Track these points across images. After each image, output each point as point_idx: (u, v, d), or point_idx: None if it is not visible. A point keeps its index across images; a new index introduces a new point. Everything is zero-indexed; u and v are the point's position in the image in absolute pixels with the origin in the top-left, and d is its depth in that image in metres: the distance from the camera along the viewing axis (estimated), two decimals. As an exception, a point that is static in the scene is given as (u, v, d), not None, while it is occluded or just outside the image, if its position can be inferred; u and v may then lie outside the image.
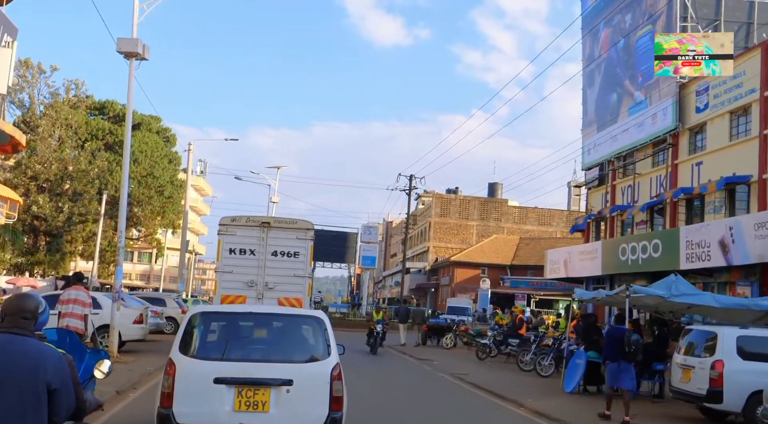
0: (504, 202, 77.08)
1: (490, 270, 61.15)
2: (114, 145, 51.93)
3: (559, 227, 75.89)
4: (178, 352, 6.57)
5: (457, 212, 75.85)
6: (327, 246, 43.76)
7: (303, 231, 14.90)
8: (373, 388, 14.28)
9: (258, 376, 6.41)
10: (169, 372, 6.41)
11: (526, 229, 74.62)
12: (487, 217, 75.82)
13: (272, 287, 14.69)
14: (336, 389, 6.52)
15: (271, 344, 7.15)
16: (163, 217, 56.29)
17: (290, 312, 8.52)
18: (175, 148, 60.81)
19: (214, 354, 6.80)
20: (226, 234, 14.79)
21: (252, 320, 7.44)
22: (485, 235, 73.21)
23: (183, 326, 6.91)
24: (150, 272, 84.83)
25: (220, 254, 14.84)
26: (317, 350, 6.90)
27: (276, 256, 14.65)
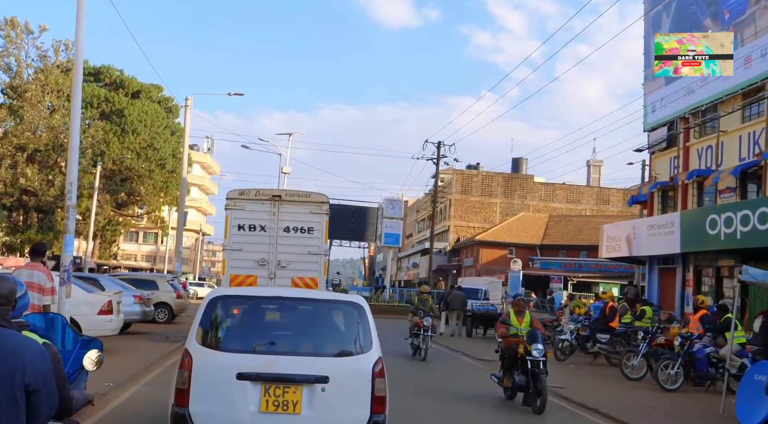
0: (529, 178, 72.40)
1: (518, 250, 56.69)
2: (111, 114, 47.70)
3: (589, 204, 71.34)
4: (194, 342, 5.65)
5: (480, 189, 71.32)
6: (344, 222, 39.42)
7: (317, 205, 14.07)
8: (444, 410, 10.09)
9: (288, 371, 5.48)
10: (185, 365, 5.48)
11: (554, 206, 70.01)
12: (511, 194, 71.19)
13: (285, 265, 13.81)
14: (379, 387, 5.61)
15: (303, 334, 6.26)
16: (166, 193, 52.02)
17: (325, 297, 7.12)
18: (178, 120, 56.50)
19: (236, 345, 5.88)
20: (234, 209, 13.91)
21: (280, 306, 6.42)
22: (509, 213, 68.77)
23: (200, 312, 5.89)
24: (156, 253, 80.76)
25: (228, 231, 13.93)
26: (357, 342, 5.96)
27: (288, 232, 13.86)
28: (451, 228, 70.48)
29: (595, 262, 54.41)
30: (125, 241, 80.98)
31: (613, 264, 54.41)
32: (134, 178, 49.42)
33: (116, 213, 54.21)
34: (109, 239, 56.01)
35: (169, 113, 54.87)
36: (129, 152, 46.18)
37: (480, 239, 59.16)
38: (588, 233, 58.78)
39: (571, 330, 15.15)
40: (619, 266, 53.88)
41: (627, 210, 69.36)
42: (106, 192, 47.24)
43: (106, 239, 55.46)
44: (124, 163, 46.57)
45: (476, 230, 68.30)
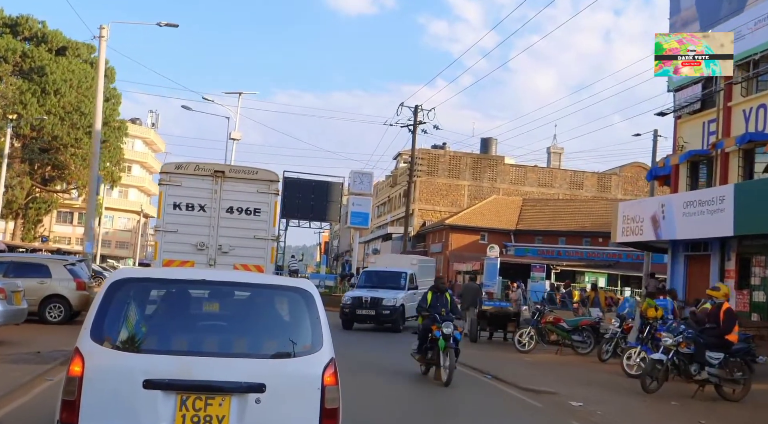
0: (500, 159, 67.90)
1: (491, 236, 52.06)
2: (30, 72, 40.95)
3: (562, 188, 67.29)
4: (89, 338, 4.34)
5: (446, 171, 66.57)
6: (303, 199, 33.89)
7: (266, 183, 12.91)
8: None
9: (212, 377, 4.24)
10: (75, 369, 4.19)
11: (525, 190, 65.68)
12: (480, 176, 66.62)
13: (227, 250, 12.65)
14: (330, 397, 4.38)
15: (233, 328, 4.91)
16: (97, 166, 45.39)
17: (263, 281, 5.18)
18: (114, 85, 49.92)
19: (144, 343, 4.49)
20: (169, 184, 12.54)
21: (204, 292, 5.07)
22: (478, 196, 64.25)
23: (98, 300, 4.49)
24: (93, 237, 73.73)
25: (162, 209, 12.56)
26: (302, 339, 4.66)
27: (232, 213, 12.68)
28: (415, 212, 65.52)
29: (575, 249, 50.25)
30: (58, 222, 73.87)
31: (595, 251, 50.50)
32: (59, 148, 42.83)
33: (41, 189, 47.51)
34: (33, 219, 49.21)
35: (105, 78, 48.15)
36: (50, 116, 39.60)
37: (450, 223, 54.31)
38: (566, 217, 54.60)
39: (669, 345, 9.85)
40: (602, 253, 50.01)
41: (601, 195, 65.72)
42: (21, 161, 40.59)
43: (29, 218, 48.67)
44: (44, 129, 39.97)
45: (443, 214, 63.72)
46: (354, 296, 20.68)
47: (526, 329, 15.58)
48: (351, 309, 20.08)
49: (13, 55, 39.27)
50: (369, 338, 18.65)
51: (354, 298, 20.46)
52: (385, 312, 19.91)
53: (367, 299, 20.15)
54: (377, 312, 19.91)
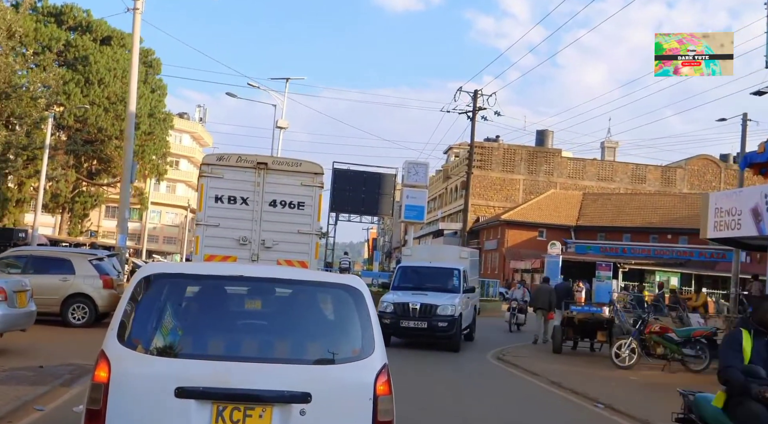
0: (557, 152, 64.81)
1: (549, 232, 49.30)
2: (74, 62, 39.83)
3: (623, 182, 63.82)
4: (115, 341, 3.91)
5: (500, 165, 63.82)
6: (354, 192, 31.82)
7: (310, 176, 12.33)
8: None
9: (253, 386, 3.81)
10: (100, 375, 3.80)
11: (584, 184, 62.47)
12: (536, 170, 63.70)
13: (270, 245, 12.07)
14: (383, 409, 3.91)
15: (275, 330, 4.41)
16: (142, 159, 44.30)
17: (308, 277, 4.77)
18: (159, 76, 48.74)
19: (177, 346, 4.02)
20: (210, 176, 12.06)
21: (243, 289, 4.53)
22: (534, 191, 61.43)
23: (125, 298, 4.06)
24: (141, 232, 73.15)
25: (203, 203, 12.01)
26: (351, 342, 4.20)
27: (275, 206, 12.17)
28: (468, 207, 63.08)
29: (642, 246, 47.06)
30: (106, 217, 73.58)
31: (663, 249, 47.21)
32: (104, 140, 41.71)
33: (86, 182, 46.61)
34: (80, 213, 48.34)
35: (149, 68, 47.09)
36: (94, 107, 38.41)
37: (506, 219, 51.66)
38: (630, 212, 51.42)
39: None
40: (671, 251, 46.71)
41: (665, 189, 62.17)
42: (65, 153, 39.55)
43: (76, 212, 47.82)
44: (88, 120, 38.81)
45: (497, 210, 61.11)
46: (397, 301, 15.35)
47: (625, 340, 13.09)
48: (393, 320, 14.97)
49: (57, 44, 38.16)
50: (415, 359, 14.03)
51: (397, 305, 15.21)
52: (441, 325, 14.89)
53: (415, 306, 15.04)
54: (431, 325, 14.91)
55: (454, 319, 15.03)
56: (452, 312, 15.03)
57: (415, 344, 15.77)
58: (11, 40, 34.36)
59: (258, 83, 31.01)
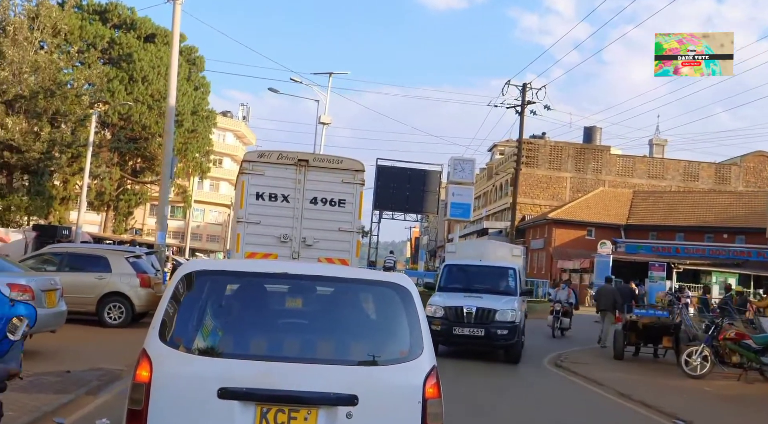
0: (605, 149, 63.08)
1: (598, 231, 47.76)
2: (118, 60, 39.91)
3: (675, 180, 61.71)
4: (157, 339, 3.85)
5: (547, 162, 62.34)
6: (398, 189, 31.01)
7: (351, 173, 12.26)
8: None
9: (298, 387, 3.71)
10: (142, 375, 3.73)
11: (633, 182, 60.58)
12: (583, 168, 62.06)
13: (311, 243, 12.00)
14: (432, 412, 3.77)
15: (319, 329, 4.28)
16: (184, 156, 44.23)
17: (353, 275, 4.67)
18: (202, 73, 48.68)
19: (220, 346, 3.96)
20: (251, 173, 11.99)
21: (287, 288, 4.40)
22: (581, 190, 59.84)
23: (167, 295, 4.01)
24: (185, 230, 73.53)
25: (244, 200, 11.90)
26: (399, 342, 4.06)
27: (316, 204, 12.07)
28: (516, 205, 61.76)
29: (696, 246, 45.10)
30: (151, 215, 74.12)
31: (719, 248, 45.23)
32: (148, 137, 41.74)
33: (131, 180, 46.79)
34: (124, 211, 48.57)
35: (192, 66, 47.08)
36: (138, 105, 38.37)
37: (553, 217, 50.27)
38: (683, 211, 49.47)
39: None
40: (727, 251, 44.71)
41: (719, 187, 59.86)
42: (109, 150, 39.64)
43: (120, 210, 48.05)
44: (132, 117, 38.81)
45: (543, 208, 59.65)
46: (449, 305, 13.38)
47: (696, 347, 12.00)
48: (445, 326, 13.01)
49: (101, 42, 38.23)
50: (466, 366, 12.80)
51: (449, 309, 13.26)
52: (500, 333, 12.91)
53: (470, 310, 13.06)
54: (489, 332, 12.95)
55: (515, 326, 13.02)
56: (513, 318, 13.01)
57: (466, 351, 14.35)
58: (56, 37, 34.50)
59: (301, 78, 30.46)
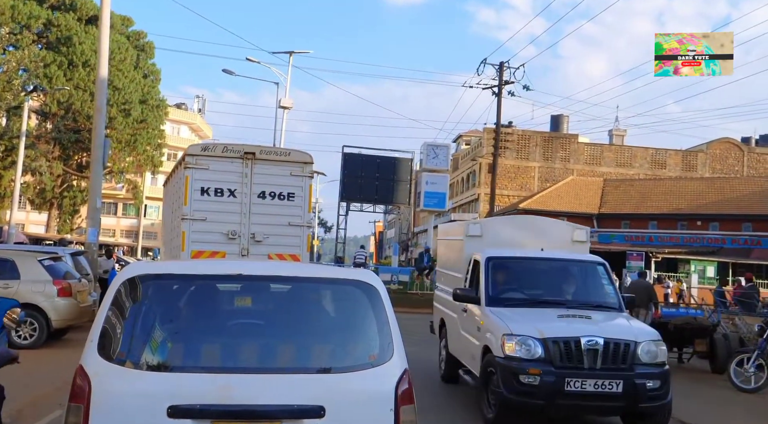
0: (573, 138, 61.71)
1: (570, 220, 45.27)
2: (57, 44, 36.64)
3: (643, 168, 60.66)
4: (95, 354, 3.51)
5: (514, 151, 60.52)
6: (367, 179, 28.65)
7: (299, 165, 11.98)
8: None
9: (256, 400, 3.43)
10: (78, 396, 3.41)
11: (602, 171, 59.36)
12: (552, 156, 60.63)
13: (260, 239, 11.67)
14: (406, 420, 3.55)
15: (280, 336, 3.90)
16: (133, 149, 41.20)
17: (315, 274, 4.30)
18: (152, 60, 45.57)
19: (168, 358, 3.64)
20: (195, 167, 11.53)
21: (241, 289, 4.02)
22: (550, 179, 58.43)
23: (106, 305, 3.65)
24: (138, 228, 70.03)
25: (188, 196, 11.41)
26: (367, 346, 3.81)
27: (264, 198, 11.78)
28: (481, 196, 60.01)
29: (670, 234, 43.82)
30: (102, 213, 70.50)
31: (693, 236, 44.10)
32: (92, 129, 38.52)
33: (77, 176, 43.50)
34: (69, 209, 45.23)
35: (141, 52, 43.91)
36: (79, 91, 35.23)
37: (524, 207, 48.50)
38: (655, 198, 48.23)
39: None
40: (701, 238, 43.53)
41: (687, 174, 59.02)
42: (48, 142, 36.43)
43: (65, 208, 44.71)
44: (73, 106, 35.63)
45: (511, 199, 58.03)
46: (552, 336, 7.39)
47: (748, 354, 9.92)
48: (551, 378, 7.18)
49: (37, 23, 34.97)
50: None
51: (554, 343, 7.34)
52: (649, 386, 7.29)
53: (594, 344, 7.33)
54: (629, 387, 7.24)
55: (666, 373, 7.50)
56: (662, 357, 7.55)
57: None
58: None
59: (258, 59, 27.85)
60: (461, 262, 9.62)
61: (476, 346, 8.15)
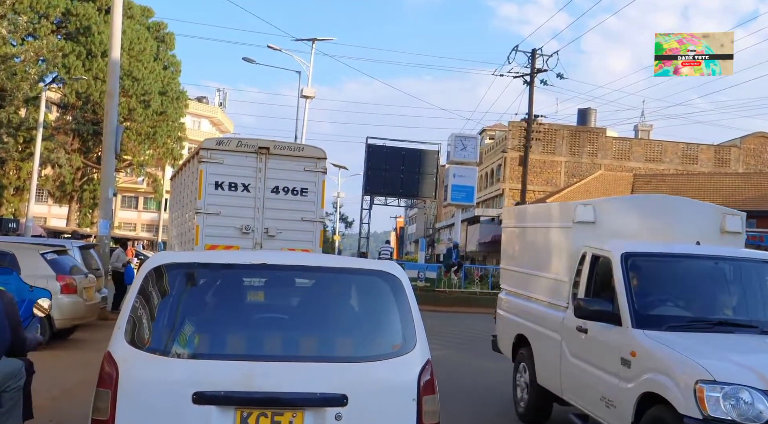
0: (601, 131, 60.28)
1: (600, 217, 44.64)
2: (76, 33, 36.00)
3: (673, 163, 59.08)
4: (123, 341, 3.56)
5: (540, 145, 59.18)
6: (391, 171, 27.62)
7: (313, 161, 12.11)
8: None
9: (280, 388, 3.49)
10: (106, 380, 3.45)
11: (631, 166, 57.94)
12: (578, 151, 59.23)
13: (273, 234, 11.79)
14: (429, 410, 3.58)
15: (303, 324, 4.01)
16: (153, 141, 40.53)
17: (339, 264, 4.30)
18: (173, 52, 44.87)
19: (193, 346, 3.69)
20: (209, 162, 11.64)
21: (266, 280, 4.12)
22: (577, 174, 57.10)
23: (133, 292, 3.72)
24: (159, 222, 69.65)
25: (203, 190, 11.60)
26: (390, 336, 3.87)
27: (277, 193, 11.89)
28: (505, 192, 58.82)
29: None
30: (123, 208, 70.13)
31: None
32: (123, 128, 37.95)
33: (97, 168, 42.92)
34: (89, 203, 44.68)
35: (161, 43, 43.22)
36: (98, 82, 34.55)
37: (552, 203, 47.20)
38: (688, 194, 46.47)
39: None
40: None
41: (719, 170, 57.35)
42: (66, 134, 35.82)
43: (85, 202, 44.17)
44: (91, 97, 34.97)
45: (537, 194, 56.67)
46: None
47: None
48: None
49: (55, 12, 34.32)
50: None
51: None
52: None
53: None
54: None
55: None
56: None
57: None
58: (2, 6, 30.68)
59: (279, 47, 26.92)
60: (560, 258, 7.18)
61: (621, 389, 5.41)
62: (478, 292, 21.79)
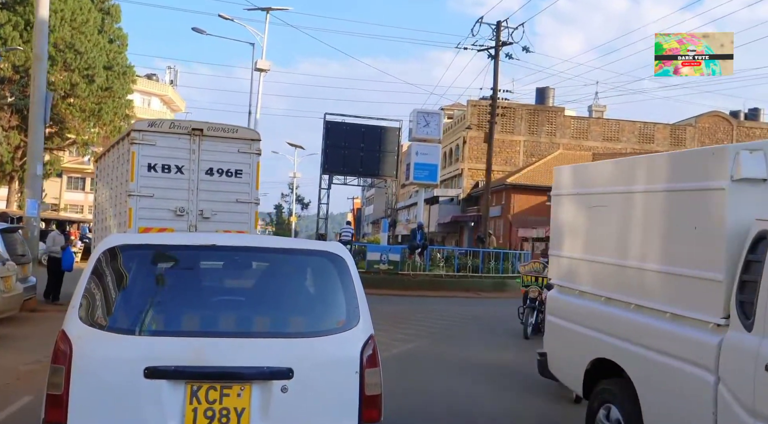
0: (559, 110, 60.06)
1: (561, 197, 44.33)
2: (13, 3, 33.79)
3: (630, 142, 59.28)
4: (77, 319, 3.67)
5: (499, 125, 58.46)
6: (351, 149, 26.46)
7: (247, 142, 12.29)
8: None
9: (228, 362, 3.61)
10: (60, 357, 3.57)
11: (588, 145, 57.99)
12: (537, 130, 58.88)
13: (208, 216, 11.94)
14: (371, 382, 3.75)
15: (251, 302, 4.24)
16: (99, 119, 38.54)
17: (284, 245, 4.63)
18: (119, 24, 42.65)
19: (144, 323, 3.80)
20: (142, 143, 11.64)
21: (215, 260, 4.34)
22: (536, 153, 56.90)
23: (87, 272, 3.84)
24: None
25: (135, 172, 11.58)
26: (334, 313, 4.02)
27: (212, 175, 12.01)
28: (464, 172, 58.20)
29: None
30: (69, 189, 67.41)
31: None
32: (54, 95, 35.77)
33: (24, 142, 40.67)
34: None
35: (106, 15, 40.96)
36: (36, 54, 32.42)
37: (512, 182, 46.78)
38: (647, 174, 47.01)
39: None
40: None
41: (675, 147, 57.79)
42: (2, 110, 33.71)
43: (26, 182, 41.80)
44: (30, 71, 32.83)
45: (496, 174, 56.23)
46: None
47: None
48: None
49: (-12, -20, 32.09)
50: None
51: None
52: None
53: None
54: None
55: None
56: None
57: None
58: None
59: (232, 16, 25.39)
60: (703, 241, 4.44)
61: None
62: (444, 275, 20.93)
